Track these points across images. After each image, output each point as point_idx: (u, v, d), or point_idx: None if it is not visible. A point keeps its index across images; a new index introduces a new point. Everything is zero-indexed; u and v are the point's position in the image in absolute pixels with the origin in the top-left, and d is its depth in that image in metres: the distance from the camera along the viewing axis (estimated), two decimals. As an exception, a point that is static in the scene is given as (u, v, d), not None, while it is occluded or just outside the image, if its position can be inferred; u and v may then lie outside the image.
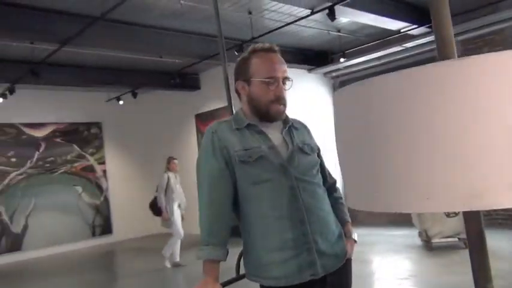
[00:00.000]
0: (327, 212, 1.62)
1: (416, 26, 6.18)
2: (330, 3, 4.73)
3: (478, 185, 0.75)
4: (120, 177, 9.36)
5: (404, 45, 6.72)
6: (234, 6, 5.40)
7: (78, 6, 4.88)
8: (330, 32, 6.58)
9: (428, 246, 5.26)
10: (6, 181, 7.88)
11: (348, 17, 5.52)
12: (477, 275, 1.00)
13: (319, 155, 1.69)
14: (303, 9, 5.27)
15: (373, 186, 0.88)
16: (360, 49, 7.38)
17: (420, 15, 6.03)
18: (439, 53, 1.01)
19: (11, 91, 6.79)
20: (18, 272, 7.09)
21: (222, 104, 8.06)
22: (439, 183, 0.77)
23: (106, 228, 8.98)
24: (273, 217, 1.51)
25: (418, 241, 5.60)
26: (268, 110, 1.57)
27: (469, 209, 0.76)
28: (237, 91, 1.66)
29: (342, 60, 7.15)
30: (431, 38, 6.36)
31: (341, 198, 1.76)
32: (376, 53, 7.10)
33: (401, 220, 6.76)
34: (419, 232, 5.53)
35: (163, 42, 6.08)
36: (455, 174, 0.76)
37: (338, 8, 4.96)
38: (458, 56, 0.88)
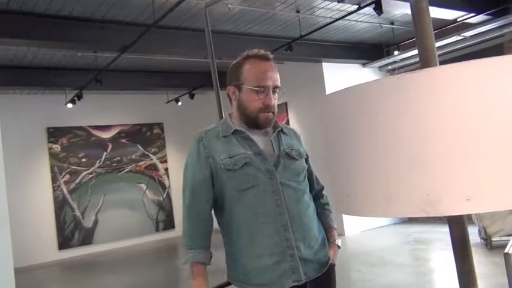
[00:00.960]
0: (311, 218, 1.61)
1: (474, 14, 5.88)
2: (376, -3, 4.65)
3: (435, 192, 0.78)
4: (181, 175, 9.73)
5: (463, 34, 6.41)
6: (282, 6, 5.45)
7: (132, 16, 5.19)
8: (382, 24, 6.43)
9: (488, 244, 5.02)
10: (78, 180, 8.54)
11: (398, 10, 5.38)
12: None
13: (307, 161, 1.69)
14: (350, 5, 5.21)
15: (346, 191, 0.94)
16: (415, 41, 7.14)
17: (477, 3, 5.73)
18: (421, 62, 1.04)
19: (79, 97, 7.35)
20: (90, 263, 7.68)
21: (278, 101, 8.15)
22: (399, 189, 0.82)
23: (168, 223, 9.43)
24: (257, 223, 1.52)
25: (477, 239, 5.36)
26: (256, 118, 1.57)
27: (425, 215, 0.80)
28: (228, 95, 1.65)
29: (396, 53, 6.96)
30: (492, 25, 6.03)
31: (327, 204, 1.76)
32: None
33: (463, 217, 6.46)
34: (478, 230, 5.29)
35: (215, 44, 6.27)
36: (413, 181, 0.80)
37: (385, 1, 4.86)
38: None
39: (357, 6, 5.01)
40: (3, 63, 6.30)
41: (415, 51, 7.06)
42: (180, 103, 9.10)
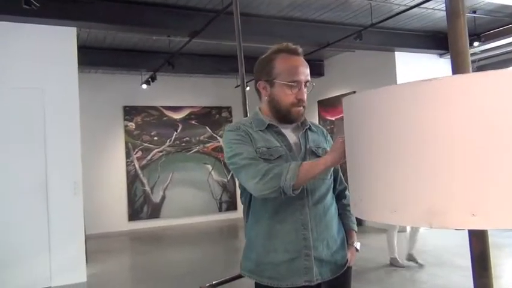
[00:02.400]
0: (332, 218, 1.59)
1: None
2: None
3: (439, 204, 0.77)
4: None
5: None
6: (354, -7, 5.31)
7: (203, 2, 5.33)
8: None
9: None
10: (149, 157, 9.02)
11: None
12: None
13: None
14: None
15: (359, 194, 0.94)
16: (500, 31, 6.63)
17: None
18: (453, 66, 1.00)
19: (153, 79, 7.71)
20: (156, 236, 8.15)
21: (347, 90, 8.01)
22: (404, 198, 0.81)
23: (231, 204, 9.69)
24: (278, 218, 1.52)
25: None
26: (288, 112, 1.57)
27: (429, 226, 0.79)
28: (257, 90, 1.64)
29: (476, 44, 6.50)
30: None
31: (349, 205, 1.70)
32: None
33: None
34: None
35: (286, 31, 6.25)
36: (418, 191, 0.79)
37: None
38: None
39: (433, -7, 4.73)
40: (85, 45, 6.75)
41: (498, 43, 6.58)
42: (248, 88, 9.21)
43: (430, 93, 0.76)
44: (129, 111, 8.91)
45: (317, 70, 8.86)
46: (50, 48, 5.03)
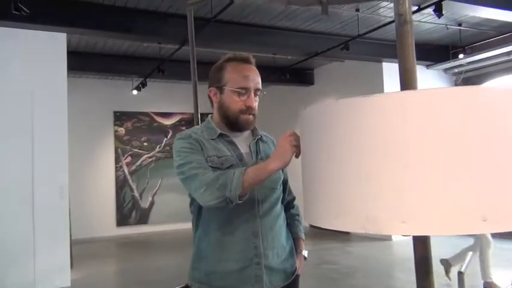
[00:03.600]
0: (281, 228, 1.61)
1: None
2: (437, -1, 4.48)
3: (374, 212, 0.83)
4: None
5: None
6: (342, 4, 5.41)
7: (194, 10, 5.40)
8: (448, 26, 6.16)
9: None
10: (139, 162, 9.04)
11: (461, 12, 5.14)
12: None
13: (283, 171, 1.65)
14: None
15: (309, 200, 1.00)
16: (485, 43, 6.77)
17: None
18: (401, 83, 1.06)
19: (144, 84, 7.76)
20: (145, 241, 8.16)
21: (336, 98, 8.08)
22: (346, 206, 0.87)
23: (220, 211, 9.72)
24: (229, 227, 1.52)
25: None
26: (237, 119, 1.56)
27: (363, 231, 0.85)
28: (209, 97, 1.63)
29: (461, 56, 6.64)
30: None
31: (298, 215, 1.75)
32: (504, 48, 6.43)
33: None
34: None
35: (275, 40, 6.35)
36: (356, 200, 0.85)
37: (450, 3, 4.66)
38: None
39: (417, 6, 4.85)
40: (77, 50, 6.80)
41: (483, 55, 6.71)
42: (239, 95, 9.30)
43: (367, 108, 0.82)
44: (120, 117, 8.94)
45: (307, 79, 8.96)
46: (40, 52, 5.06)
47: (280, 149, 1.37)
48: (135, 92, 8.10)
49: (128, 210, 8.86)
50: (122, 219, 8.78)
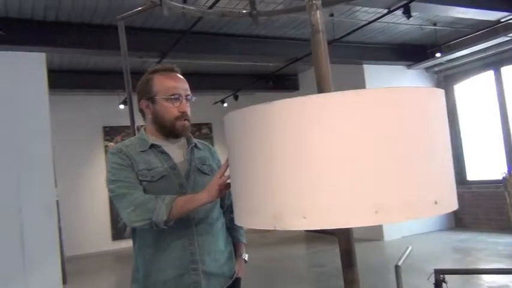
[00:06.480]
0: (218, 232, 1.64)
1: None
2: (405, 1, 4.58)
3: (279, 209, 0.90)
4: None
5: (510, 35, 6.10)
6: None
7: (169, 23, 5.50)
8: (423, 26, 6.27)
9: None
10: (130, 176, 9.08)
11: (431, 12, 5.26)
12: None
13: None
14: (381, 9, 5.16)
15: (233, 201, 1.07)
16: (461, 41, 6.89)
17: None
18: (318, 88, 1.14)
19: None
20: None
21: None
22: (257, 205, 0.94)
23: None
24: (164, 236, 1.53)
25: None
26: (173, 126, 1.59)
27: (273, 228, 0.92)
28: (141, 110, 1.67)
29: (438, 55, 6.75)
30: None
31: None
32: (480, 45, 6.55)
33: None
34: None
35: (255, 48, 6.44)
36: (265, 198, 0.92)
37: (417, 5, 4.77)
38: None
39: (387, 9, 4.96)
40: (61, 68, 6.88)
41: (460, 53, 6.83)
42: (225, 104, 9.39)
43: (271, 114, 0.89)
44: (109, 132, 9.00)
45: (292, 84, 9.06)
46: (19, 73, 5.13)
47: (209, 186, 1.44)
48: (122, 106, 8.17)
49: (123, 224, 8.87)
50: (117, 234, 8.80)
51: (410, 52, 7.40)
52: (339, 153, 0.83)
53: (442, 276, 1.86)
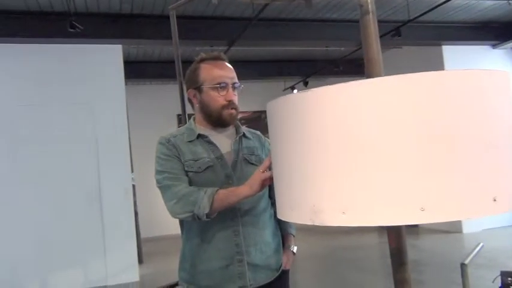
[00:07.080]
0: (265, 224, 1.60)
1: None
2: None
3: (318, 203, 0.85)
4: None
5: None
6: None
7: (238, 11, 5.52)
8: (510, 1, 5.71)
9: None
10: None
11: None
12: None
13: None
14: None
15: (277, 195, 1.03)
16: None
17: None
18: (366, 73, 1.06)
19: (200, 86, 8.04)
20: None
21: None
22: (297, 198, 0.90)
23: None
24: (210, 226, 1.52)
25: None
26: (220, 115, 1.57)
27: (311, 223, 0.87)
28: (189, 100, 1.65)
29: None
30: None
31: None
32: None
33: None
34: None
35: (325, 33, 6.28)
36: (305, 193, 0.87)
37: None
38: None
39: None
40: (136, 59, 7.22)
41: None
42: (295, 90, 9.29)
43: (310, 102, 0.84)
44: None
45: (363, 69, 8.69)
46: (98, 65, 5.45)
47: (251, 180, 1.42)
48: (194, 94, 8.42)
49: (195, 209, 9.20)
50: (191, 217, 9.14)
51: (497, 30, 6.79)
52: (383, 145, 0.75)
53: (510, 279, 1.67)
